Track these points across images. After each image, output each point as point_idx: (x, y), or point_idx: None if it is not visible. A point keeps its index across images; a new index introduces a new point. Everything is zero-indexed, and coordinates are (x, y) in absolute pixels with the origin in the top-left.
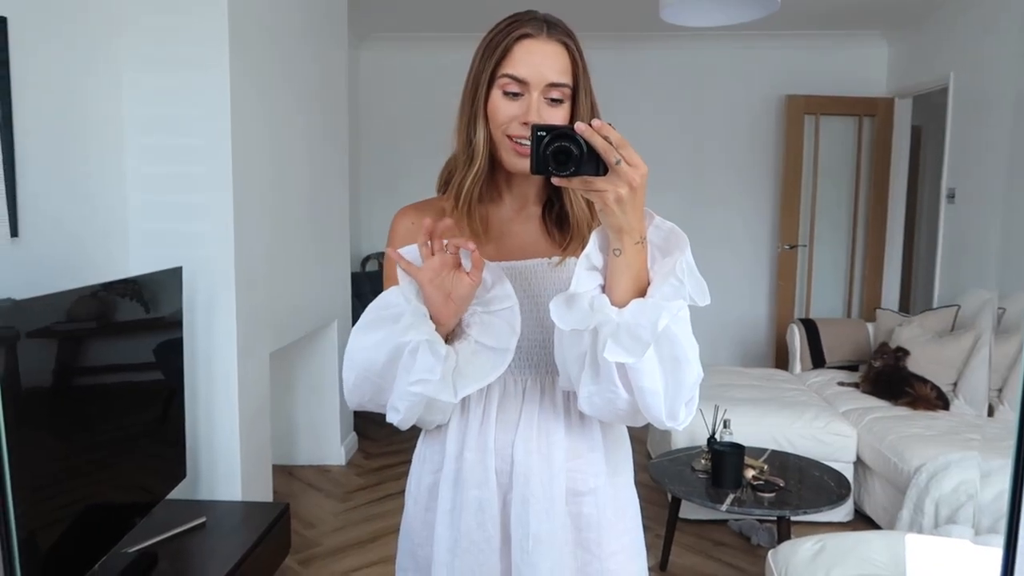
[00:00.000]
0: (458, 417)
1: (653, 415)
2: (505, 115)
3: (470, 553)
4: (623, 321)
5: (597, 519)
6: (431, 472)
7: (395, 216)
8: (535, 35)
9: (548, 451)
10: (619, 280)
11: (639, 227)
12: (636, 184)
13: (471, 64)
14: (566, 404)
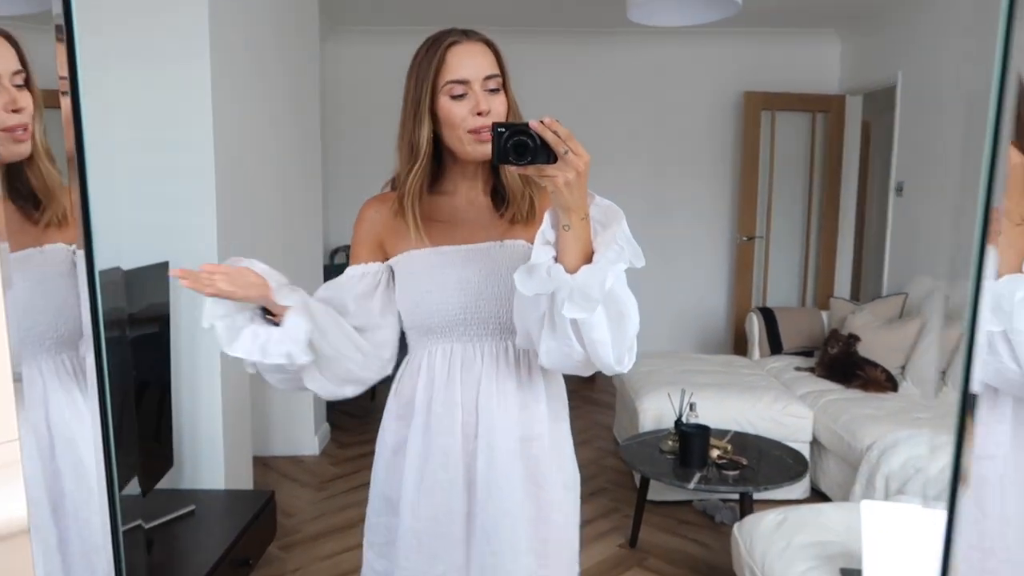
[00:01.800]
0: (426, 377)
1: (604, 362)
2: (459, 115)
3: (434, 492)
4: (576, 284)
5: (542, 458)
6: (403, 425)
7: (363, 206)
8: (461, 41)
9: (505, 404)
10: (569, 250)
11: (583, 205)
12: (580, 170)
13: (407, 82)
14: (517, 365)
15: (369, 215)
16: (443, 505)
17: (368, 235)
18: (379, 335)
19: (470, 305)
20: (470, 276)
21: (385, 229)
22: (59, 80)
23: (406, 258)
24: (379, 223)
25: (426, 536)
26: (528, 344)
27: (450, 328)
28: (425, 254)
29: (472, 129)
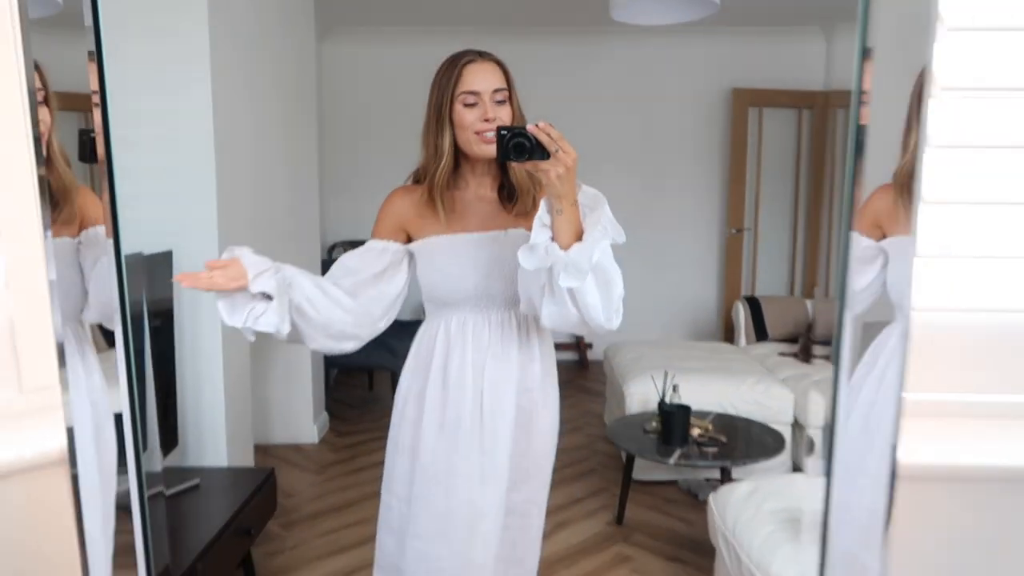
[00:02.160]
0: (442, 341)
1: (595, 322)
2: (470, 120)
3: (451, 432)
4: (569, 259)
5: (533, 406)
6: (421, 378)
7: (391, 193)
8: (476, 60)
9: (507, 364)
10: (562, 231)
11: (573, 193)
12: (569, 165)
13: (431, 93)
14: (518, 332)
15: (396, 201)
16: (450, 445)
17: (392, 218)
18: (376, 298)
19: (481, 283)
20: (482, 259)
21: (409, 216)
22: (92, 94)
23: (429, 242)
24: (404, 210)
25: (442, 470)
26: (531, 310)
27: (464, 301)
28: (446, 240)
29: (478, 131)
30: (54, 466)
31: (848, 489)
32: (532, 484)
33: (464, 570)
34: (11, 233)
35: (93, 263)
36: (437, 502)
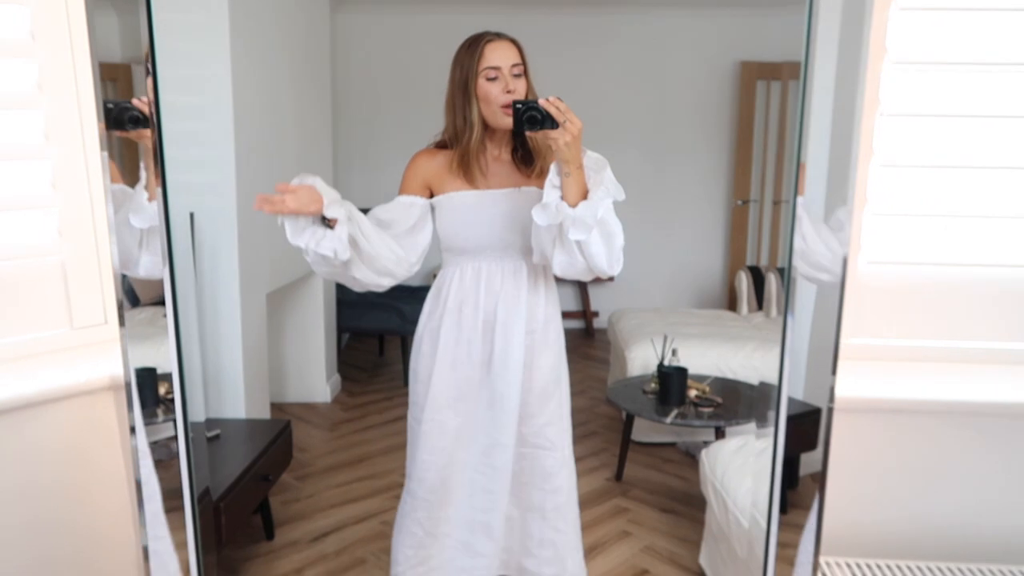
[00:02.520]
0: (458, 286)
1: (599, 268)
2: (494, 93)
3: (463, 366)
4: (576, 215)
5: (538, 344)
6: (437, 318)
7: (414, 156)
8: (495, 39)
9: (516, 308)
10: (570, 191)
11: (578, 158)
12: (575, 134)
13: (453, 70)
14: (527, 279)
15: (421, 162)
16: (462, 376)
17: (418, 176)
18: (411, 246)
19: (495, 234)
20: (497, 213)
21: (432, 175)
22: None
23: (450, 197)
24: (428, 169)
25: (452, 396)
26: (542, 260)
27: (480, 250)
28: (465, 195)
29: (504, 104)
30: (104, 391)
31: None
32: (547, 414)
33: (483, 469)
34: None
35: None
36: (449, 422)
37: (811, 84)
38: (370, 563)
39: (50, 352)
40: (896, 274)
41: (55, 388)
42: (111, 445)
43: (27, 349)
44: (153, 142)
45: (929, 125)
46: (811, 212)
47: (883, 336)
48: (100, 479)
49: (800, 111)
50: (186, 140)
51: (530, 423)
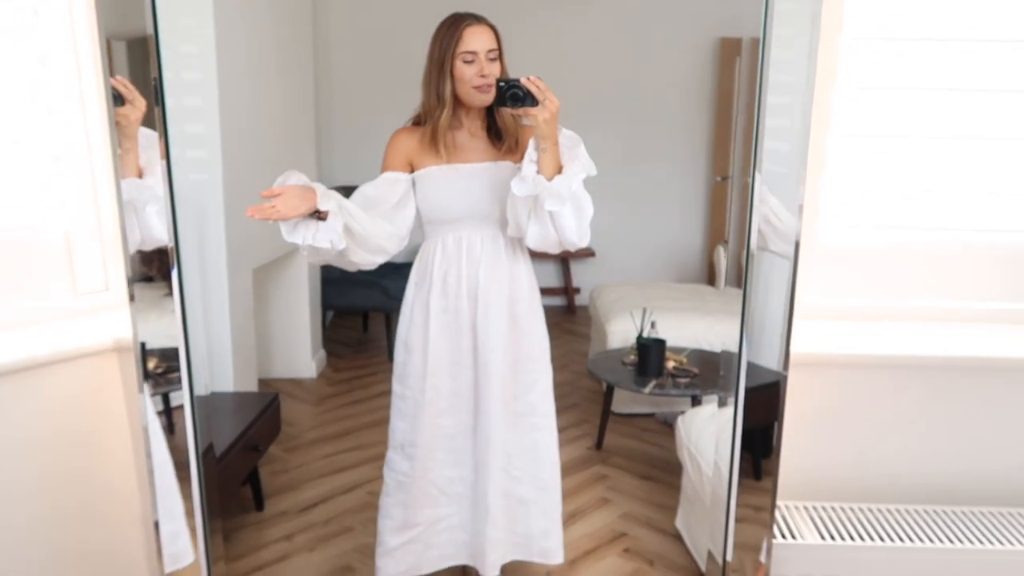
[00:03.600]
0: (441, 256)
1: (569, 240)
2: (469, 74)
3: (450, 330)
4: (551, 187)
5: (522, 312)
6: (423, 290)
7: (394, 134)
8: (473, 24)
9: (497, 275)
10: (546, 165)
11: (554, 135)
12: (553, 111)
13: (432, 48)
14: (506, 249)
15: (401, 139)
16: (453, 342)
17: (399, 152)
18: (400, 220)
19: (474, 205)
20: (475, 185)
21: (412, 150)
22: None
23: (429, 172)
24: (408, 145)
25: (448, 361)
26: (517, 232)
27: (459, 220)
28: (444, 169)
29: (476, 85)
30: (109, 352)
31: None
32: (537, 389)
33: (472, 435)
34: (68, 157)
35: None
36: (445, 386)
37: (768, 60)
38: (358, 531)
39: (55, 318)
40: (854, 239)
41: (63, 350)
42: (116, 402)
43: (34, 315)
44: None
45: (887, 97)
46: (782, 187)
47: (841, 297)
48: (107, 433)
49: (759, 87)
50: (171, 116)
51: (527, 395)
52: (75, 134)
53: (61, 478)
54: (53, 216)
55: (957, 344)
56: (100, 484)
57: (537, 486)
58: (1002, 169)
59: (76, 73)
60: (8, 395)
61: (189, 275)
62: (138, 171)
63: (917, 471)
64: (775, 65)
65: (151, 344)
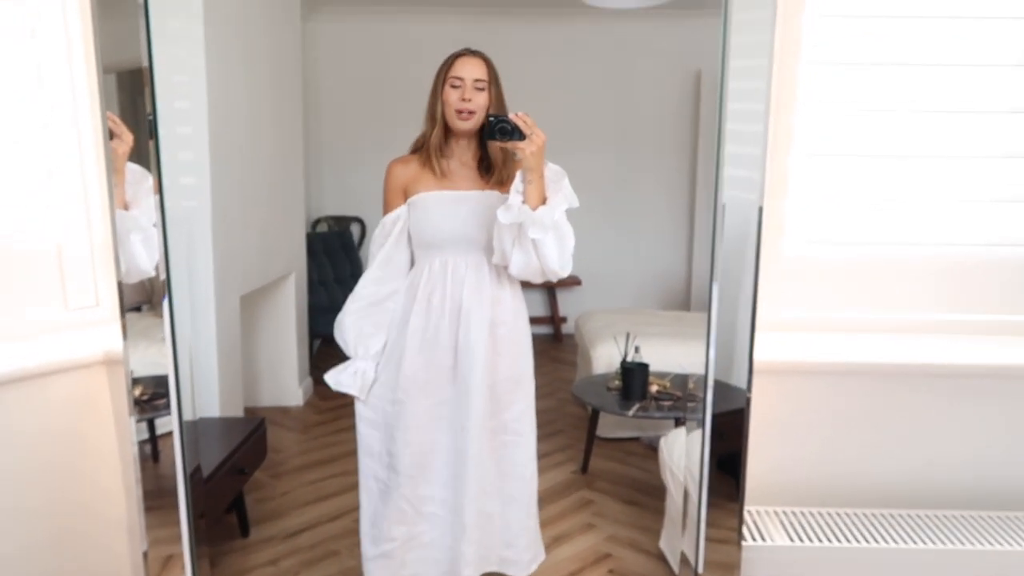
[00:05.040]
0: (427, 278)
1: (550, 268)
2: (453, 98)
3: (432, 350)
4: (535, 217)
5: (504, 337)
6: (408, 307)
7: (388, 166)
8: (466, 55)
9: (480, 298)
10: (532, 196)
11: (540, 168)
12: (540, 145)
13: (436, 77)
14: (490, 275)
15: (397, 170)
16: (435, 361)
17: (397, 185)
18: (405, 254)
19: (460, 230)
20: (463, 211)
21: (408, 179)
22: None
23: (421, 198)
24: (404, 175)
25: (422, 379)
26: (502, 260)
27: (446, 244)
28: (434, 195)
29: (457, 109)
30: (98, 365)
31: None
32: (517, 406)
33: (448, 454)
34: (60, 172)
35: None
36: (415, 404)
37: (727, 88)
38: (344, 555)
39: (47, 331)
40: (817, 254)
41: (54, 362)
42: (106, 413)
43: (25, 329)
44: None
45: (844, 119)
46: (745, 210)
47: (806, 309)
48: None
49: (719, 115)
50: (164, 144)
51: (502, 414)
52: (68, 151)
53: (51, 483)
54: (45, 232)
55: (913, 352)
56: (89, 487)
57: (503, 500)
58: (956, 186)
59: (71, 92)
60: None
61: (178, 302)
62: (124, 204)
63: (878, 475)
64: (733, 94)
65: (137, 372)
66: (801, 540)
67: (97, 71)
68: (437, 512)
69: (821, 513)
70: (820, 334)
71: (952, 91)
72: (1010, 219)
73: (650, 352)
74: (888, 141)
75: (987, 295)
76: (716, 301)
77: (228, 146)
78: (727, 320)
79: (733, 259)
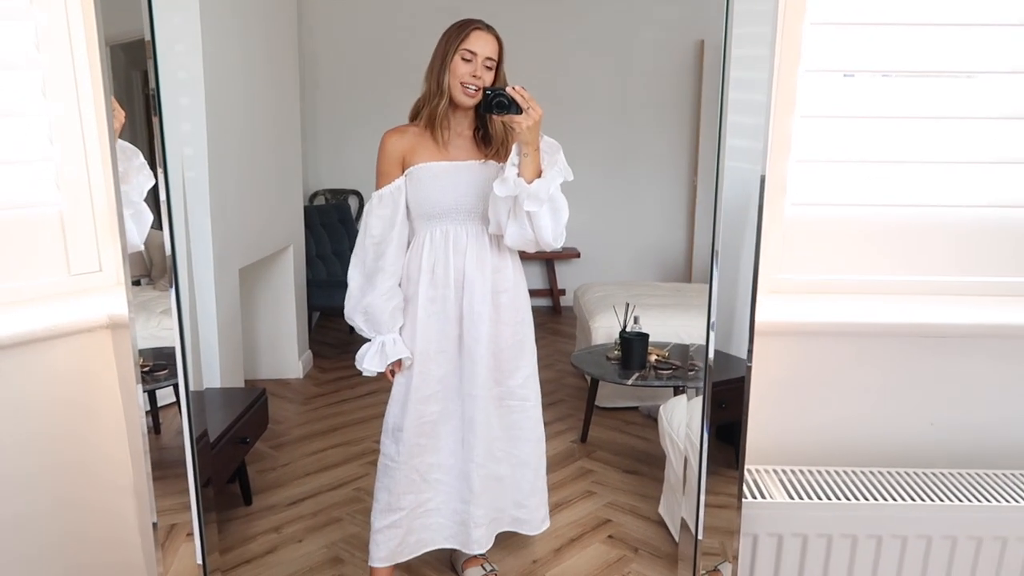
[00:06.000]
0: (429, 248)
1: (544, 240)
2: (463, 71)
3: (440, 320)
4: (531, 190)
5: (506, 305)
6: (413, 281)
7: (383, 137)
8: (482, 29)
9: (482, 267)
10: (527, 169)
11: (536, 142)
12: (536, 119)
13: (439, 43)
14: (490, 243)
15: (392, 141)
16: (442, 330)
17: (393, 155)
18: (400, 239)
19: (460, 200)
20: (462, 180)
21: (405, 149)
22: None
23: (421, 168)
24: (401, 145)
25: (435, 349)
26: (497, 230)
27: (446, 214)
28: (434, 165)
29: (464, 82)
30: (102, 329)
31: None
32: (522, 372)
33: (456, 421)
34: (61, 139)
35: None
36: (432, 373)
37: (730, 54)
38: (346, 521)
39: (50, 296)
40: (817, 215)
41: (58, 325)
42: (110, 379)
43: (29, 294)
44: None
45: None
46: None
47: (807, 272)
48: (99, 412)
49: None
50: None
51: (508, 381)
52: (69, 117)
53: (55, 448)
54: (47, 198)
55: (912, 313)
56: (92, 453)
57: (512, 463)
58: (954, 147)
59: (70, 58)
60: (5, 369)
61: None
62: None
63: (876, 434)
64: (736, 62)
65: (138, 345)
66: (800, 497)
67: (98, 31)
68: (442, 479)
69: (820, 471)
70: (821, 295)
71: (961, 50)
72: (1017, 180)
73: (649, 323)
74: (893, 102)
75: (992, 256)
76: (720, 254)
77: (225, 118)
78: (727, 289)
79: (735, 229)
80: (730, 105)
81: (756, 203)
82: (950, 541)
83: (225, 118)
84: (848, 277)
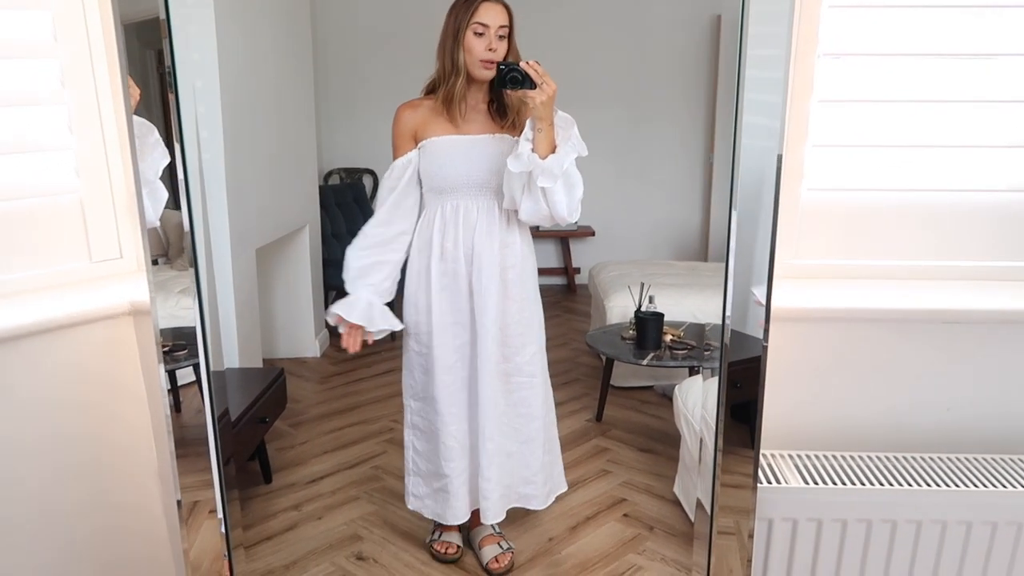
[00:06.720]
0: (439, 223)
1: (560, 215)
2: (478, 47)
3: (450, 291)
4: (545, 166)
5: (513, 281)
6: (424, 255)
7: (397, 111)
8: (489, 0)
9: (491, 242)
10: (541, 145)
11: (550, 117)
12: (550, 95)
13: (448, 17)
14: (500, 218)
15: (406, 115)
16: (454, 303)
17: (407, 129)
18: (410, 209)
19: (472, 174)
20: (475, 154)
21: (418, 123)
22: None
23: (433, 142)
24: (414, 119)
25: (449, 321)
26: (511, 206)
27: (457, 189)
28: (447, 139)
29: (482, 59)
30: (123, 316)
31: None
32: (529, 348)
33: (471, 391)
34: (80, 128)
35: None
36: (448, 344)
37: (747, 32)
38: (364, 500)
39: (71, 283)
40: (833, 200)
41: (81, 312)
42: (132, 363)
43: (50, 280)
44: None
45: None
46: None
47: (822, 257)
48: (122, 395)
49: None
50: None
51: (515, 358)
52: (88, 106)
53: (77, 433)
54: (67, 185)
55: (929, 299)
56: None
57: (519, 439)
58: (973, 132)
59: (87, 45)
60: (28, 356)
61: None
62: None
63: (892, 420)
64: (754, 40)
65: (160, 324)
66: (815, 482)
67: (114, 16)
68: (455, 447)
69: (836, 456)
70: (836, 281)
71: (981, 32)
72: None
73: (665, 302)
74: (911, 86)
75: (1012, 242)
76: (736, 234)
77: (239, 99)
78: (743, 269)
79: (751, 208)
80: (747, 83)
81: (772, 183)
82: (965, 526)
83: (239, 99)
84: (864, 262)
